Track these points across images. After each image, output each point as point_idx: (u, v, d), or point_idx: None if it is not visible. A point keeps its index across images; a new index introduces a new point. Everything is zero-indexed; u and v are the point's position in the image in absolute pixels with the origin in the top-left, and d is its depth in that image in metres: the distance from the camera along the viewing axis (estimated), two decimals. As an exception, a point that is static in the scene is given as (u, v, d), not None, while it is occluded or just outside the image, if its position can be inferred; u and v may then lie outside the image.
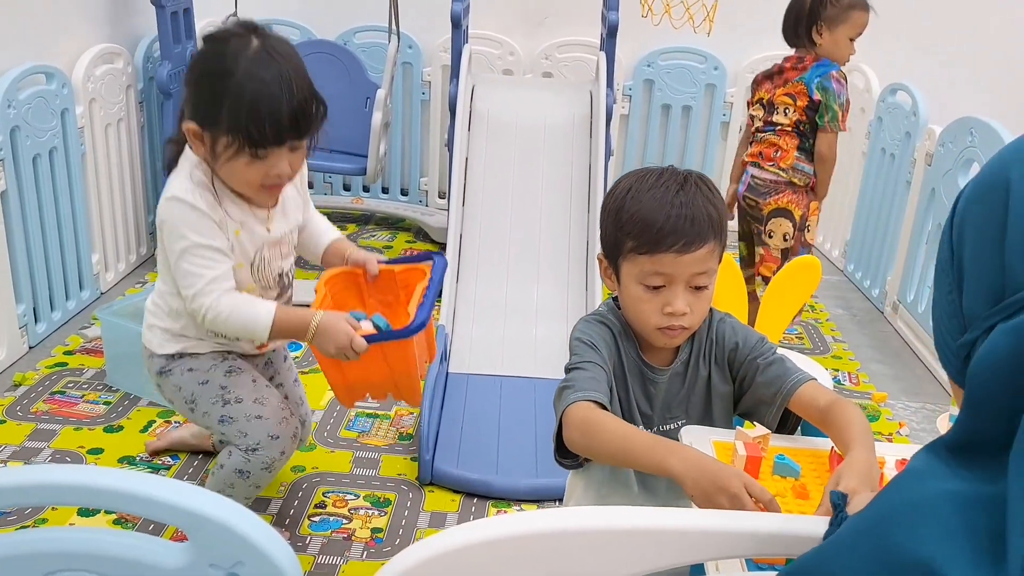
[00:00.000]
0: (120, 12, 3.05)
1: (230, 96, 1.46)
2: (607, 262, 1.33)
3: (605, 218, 1.32)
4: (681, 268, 1.24)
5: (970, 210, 0.61)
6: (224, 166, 1.52)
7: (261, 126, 1.46)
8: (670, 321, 1.26)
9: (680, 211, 1.23)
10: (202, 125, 1.50)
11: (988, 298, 0.58)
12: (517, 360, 2.47)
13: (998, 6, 3.64)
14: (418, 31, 3.67)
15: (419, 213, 3.76)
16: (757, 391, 1.34)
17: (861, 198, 3.44)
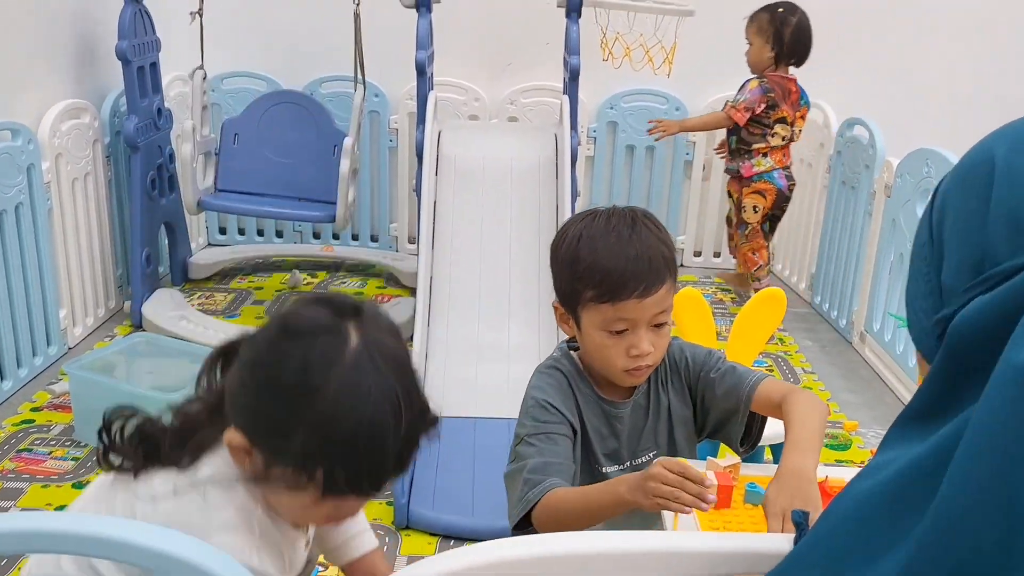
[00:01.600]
0: (86, 67, 3.07)
1: (310, 423, 0.96)
2: (564, 309, 1.33)
3: (559, 268, 1.31)
4: (643, 312, 1.25)
5: (952, 190, 0.63)
6: (274, 496, 1.04)
7: (354, 472, 0.98)
8: (636, 363, 1.28)
9: (636, 256, 1.24)
10: (253, 442, 1.00)
11: (968, 272, 0.59)
12: (490, 401, 2.47)
13: (946, 44, 3.75)
14: (384, 80, 3.72)
15: (390, 259, 3.77)
16: (720, 405, 1.36)
17: (824, 230, 3.50)
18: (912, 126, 3.48)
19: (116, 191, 3.20)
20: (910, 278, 0.68)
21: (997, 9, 3.73)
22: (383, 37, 3.50)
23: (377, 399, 0.97)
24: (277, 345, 1.00)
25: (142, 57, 3.03)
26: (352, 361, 0.97)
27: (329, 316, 1.00)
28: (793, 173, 3.46)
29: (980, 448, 0.51)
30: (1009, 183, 0.58)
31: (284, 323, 1.03)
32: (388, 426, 0.97)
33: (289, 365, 0.97)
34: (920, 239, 0.67)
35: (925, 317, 0.65)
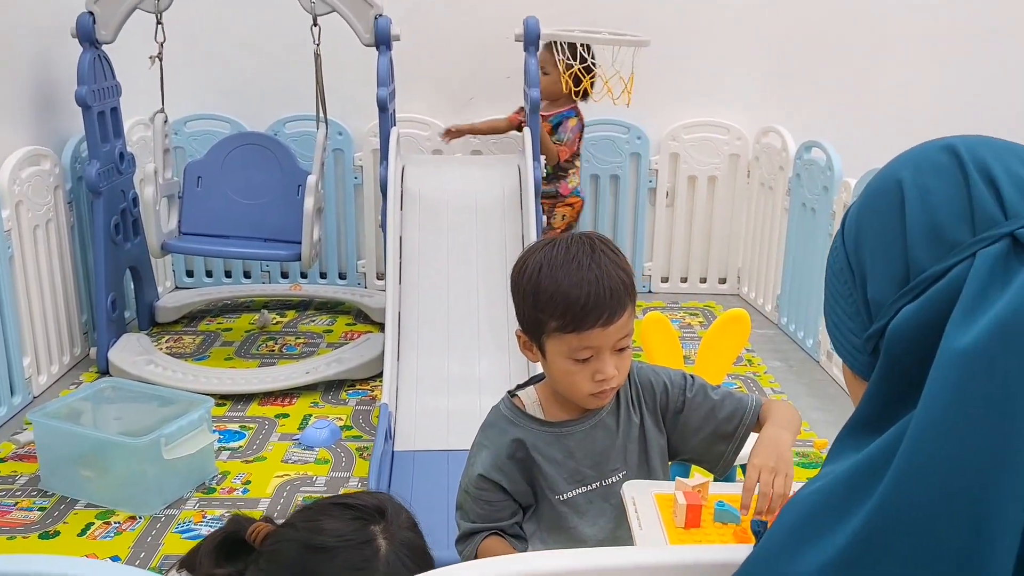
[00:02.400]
0: (45, 114, 3.06)
1: None
2: (527, 337, 1.34)
3: (521, 298, 1.32)
4: (607, 339, 1.27)
5: (865, 215, 0.69)
6: None
7: None
8: (601, 387, 1.30)
9: (598, 285, 1.24)
10: None
11: (895, 285, 0.64)
12: (463, 433, 2.46)
13: (899, 68, 3.85)
14: (347, 117, 3.74)
15: (358, 295, 3.77)
16: (718, 429, 1.38)
17: (788, 252, 3.55)
18: (868, 147, 3.54)
19: (79, 237, 3.18)
20: (831, 304, 0.73)
21: (947, 34, 3.84)
22: (345, 75, 3.53)
23: None
24: (304, 564, 0.96)
25: (102, 102, 3.02)
26: (385, 570, 0.95)
27: (355, 526, 0.98)
28: (750, 196, 3.49)
29: (928, 430, 0.55)
30: (921, 200, 0.64)
31: (309, 540, 0.97)
32: None
33: None
34: (836, 266, 0.73)
35: (854, 335, 0.70)
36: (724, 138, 3.89)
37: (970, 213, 0.61)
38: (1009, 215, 0.60)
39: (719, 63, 3.87)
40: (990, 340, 0.55)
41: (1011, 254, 0.59)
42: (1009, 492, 0.53)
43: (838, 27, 3.83)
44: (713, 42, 3.85)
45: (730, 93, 3.88)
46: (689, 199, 3.97)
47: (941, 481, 0.54)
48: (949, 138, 0.68)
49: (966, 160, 0.64)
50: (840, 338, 0.72)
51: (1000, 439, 0.53)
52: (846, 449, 0.64)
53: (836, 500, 0.59)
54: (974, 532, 0.53)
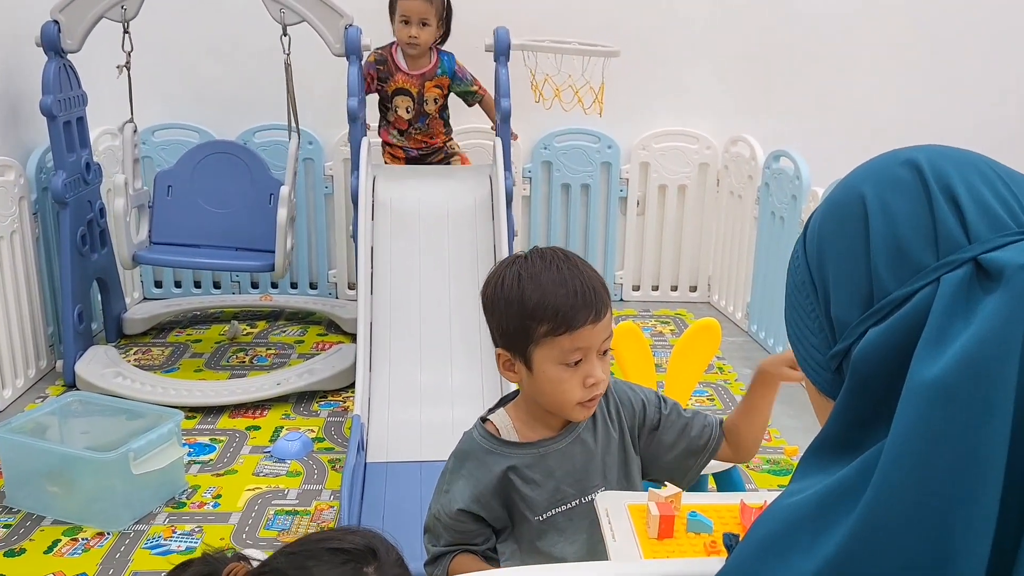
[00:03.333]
0: (9, 124, 3.02)
1: None
2: (509, 354, 1.32)
3: (502, 311, 1.30)
4: (596, 338, 1.28)
5: (827, 230, 0.68)
6: None
7: None
8: (591, 392, 1.30)
9: (582, 285, 1.27)
10: None
11: (859, 305, 0.63)
12: (435, 445, 2.46)
13: (865, 79, 3.91)
14: (317, 127, 3.73)
15: (329, 306, 3.75)
16: (690, 445, 1.42)
17: (757, 260, 3.58)
18: (836, 157, 3.59)
19: (44, 248, 3.14)
20: (792, 318, 0.72)
21: (912, 44, 3.90)
22: (315, 85, 3.52)
23: None
24: None
25: (68, 112, 2.99)
26: None
27: (346, 571, 0.96)
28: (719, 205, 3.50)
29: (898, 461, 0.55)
30: (884, 219, 0.63)
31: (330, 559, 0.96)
32: None
33: None
34: (797, 279, 0.71)
35: (818, 352, 0.69)
36: (694, 147, 3.93)
37: (934, 235, 0.61)
38: (972, 239, 0.60)
39: (689, 73, 3.90)
40: (957, 374, 0.55)
41: (974, 280, 0.58)
42: (975, 524, 0.53)
43: (806, 37, 3.87)
44: (683, 52, 3.88)
45: (699, 102, 3.92)
46: (659, 208, 4.00)
47: (909, 510, 0.54)
48: (910, 150, 0.66)
49: (928, 177, 0.63)
50: (803, 353, 0.71)
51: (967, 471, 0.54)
52: (812, 469, 0.64)
53: (807, 522, 0.59)
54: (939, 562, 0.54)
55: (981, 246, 0.59)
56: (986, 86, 3.95)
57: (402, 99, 3.22)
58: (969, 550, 0.53)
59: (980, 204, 0.61)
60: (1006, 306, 0.55)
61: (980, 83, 3.95)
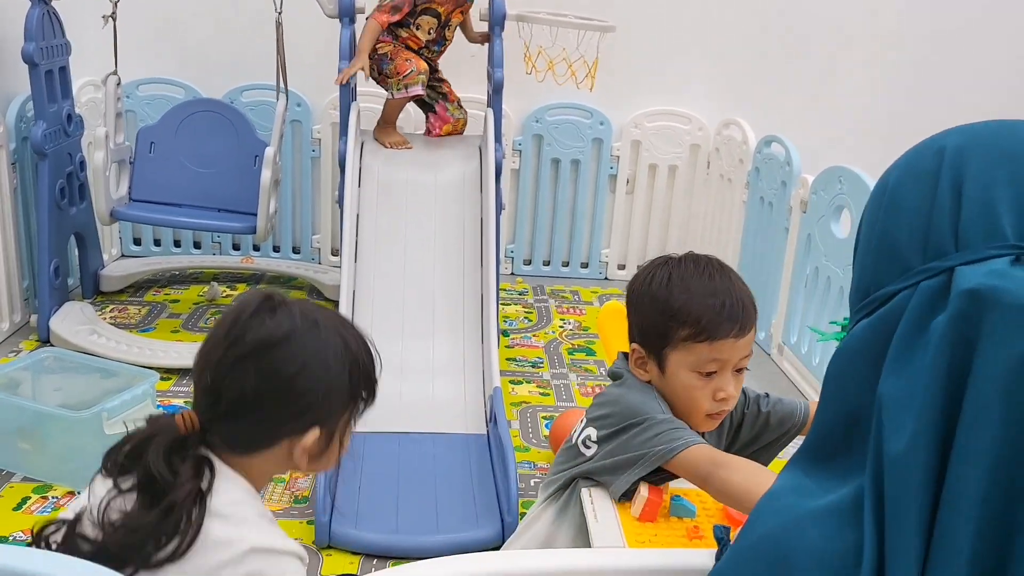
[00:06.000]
0: (-10, 71, 2.94)
1: (345, 368, 1.15)
2: (644, 352, 1.33)
3: (647, 307, 1.31)
4: (736, 352, 1.28)
5: (865, 213, 0.65)
6: (329, 454, 1.19)
7: (373, 370, 1.20)
8: (720, 407, 1.30)
9: (732, 298, 1.27)
10: (323, 425, 1.14)
11: (860, 294, 0.61)
12: (416, 416, 2.44)
13: (860, 66, 3.89)
14: (306, 89, 3.66)
15: (312, 271, 3.71)
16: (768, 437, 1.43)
17: (744, 245, 3.57)
18: (827, 144, 3.59)
19: (22, 200, 3.07)
20: None
21: (907, 34, 3.88)
22: (306, 45, 3.45)
23: (351, 327, 1.19)
24: (282, 353, 1.10)
25: (50, 61, 2.91)
26: (326, 319, 1.16)
27: (290, 317, 1.12)
28: (709, 187, 3.47)
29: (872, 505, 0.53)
30: (891, 209, 0.60)
31: (268, 339, 1.10)
32: (362, 336, 1.20)
33: (306, 354, 1.11)
34: None
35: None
36: (686, 128, 3.90)
37: (926, 235, 0.57)
38: (960, 245, 0.55)
39: (685, 53, 3.86)
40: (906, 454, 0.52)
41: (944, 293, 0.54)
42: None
43: (803, 23, 3.84)
44: (679, 31, 3.84)
45: (694, 83, 3.88)
46: (649, 187, 3.98)
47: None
48: (955, 132, 0.61)
49: (944, 170, 0.57)
50: None
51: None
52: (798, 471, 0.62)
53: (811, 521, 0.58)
54: None
55: (963, 256, 0.54)
56: (982, 75, 3.94)
57: (427, 19, 3.05)
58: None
59: (985, 207, 0.55)
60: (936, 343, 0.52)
61: (975, 72, 3.94)
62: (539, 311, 3.63)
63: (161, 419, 1.13)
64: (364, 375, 1.18)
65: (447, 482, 2.21)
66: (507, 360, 3.08)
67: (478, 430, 2.42)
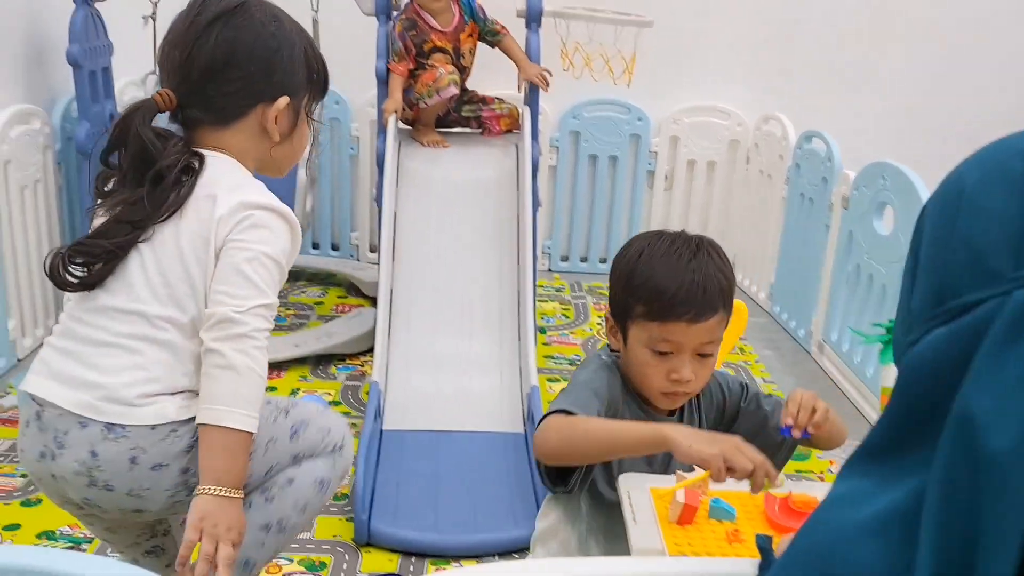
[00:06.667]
0: (35, 72, 2.99)
1: (303, 53, 1.35)
2: (614, 321, 1.34)
3: (615, 279, 1.32)
4: (690, 337, 1.25)
5: (930, 212, 0.62)
6: (289, 139, 1.37)
7: (325, 72, 1.38)
8: (675, 387, 1.28)
9: (692, 279, 1.24)
10: (292, 95, 1.33)
11: (931, 300, 0.58)
12: (453, 414, 2.45)
13: (902, 59, 3.82)
14: (345, 87, 3.68)
15: (350, 268, 3.73)
16: (768, 437, 1.36)
17: (784, 241, 3.53)
18: (869, 139, 3.53)
19: (67, 198, 3.12)
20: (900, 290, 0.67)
21: (951, 24, 3.80)
22: (343, 43, 3.45)
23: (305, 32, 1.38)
24: (246, 27, 1.29)
25: (94, 61, 2.96)
26: (284, 14, 1.36)
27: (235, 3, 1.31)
28: (748, 183, 3.43)
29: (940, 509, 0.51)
30: (972, 212, 0.57)
31: (228, 5, 1.29)
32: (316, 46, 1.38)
33: (267, 28, 1.30)
34: (909, 255, 0.66)
35: (900, 334, 0.63)
36: (725, 123, 3.86)
37: (1019, 240, 0.53)
38: None
39: (723, 47, 3.82)
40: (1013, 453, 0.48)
41: None
42: None
43: (843, 16, 3.79)
44: (718, 26, 3.80)
45: (733, 78, 3.84)
46: (687, 183, 3.95)
47: None
48: None
49: None
50: (896, 328, 0.66)
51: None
52: (855, 473, 0.60)
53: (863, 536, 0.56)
54: None
55: None
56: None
57: (439, 56, 3.03)
58: None
59: None
60: None
61: (1018, 63, 3.85)
62: (576, 308, 3.62)
63: (139, 101, 1.31)
64: (317, 60, 1.34)
65: (484, 481, 2.21)
66: (544, 357, 3.07)
67: (515, 428, 2.42)
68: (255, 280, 1.23)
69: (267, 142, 1.33)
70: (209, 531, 1.16)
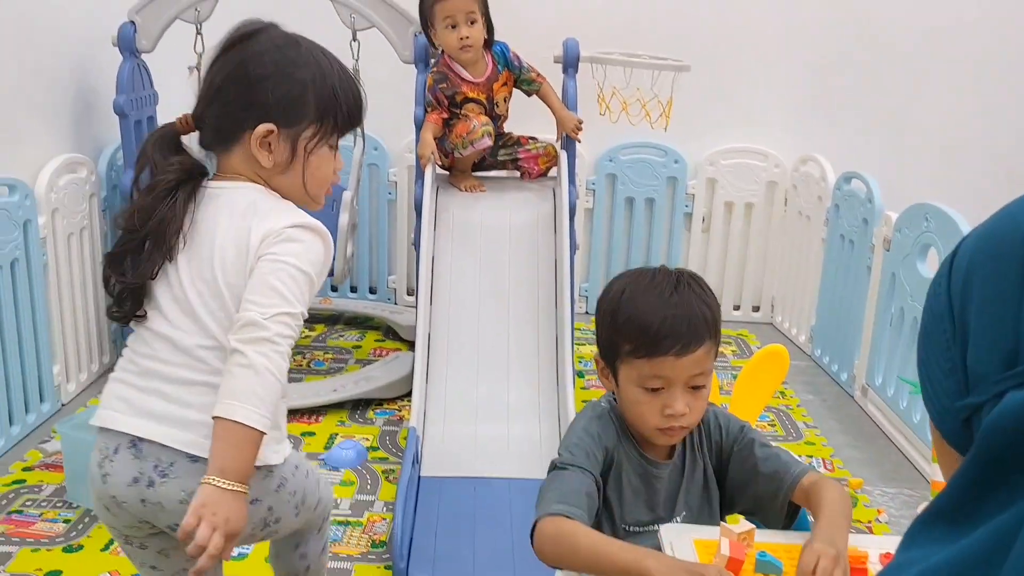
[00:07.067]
0: (83, 122, 3.07)
1: (313, 83, 1.32)
2: (604, 363, 1.33)
3: (601, 320, 1.32)
4: (680, 371, 1.25)
5: (978, 263, 0.58)
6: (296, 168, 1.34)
7: (351, 103, 1.34)
8: (670, 422, 1.27)
9: (676, 313, 1.24)
10: (278, 124, 1.31)
11: (1001, 361, 0.54)
12: (491, 461, 2.43)
13: (941, 98, 3.78)
14: (383, 132, 3.73)
15: (388, 312, 3.75)
16: (758, 488, 1.34)
17: (824, 283, 3.49)
18: (910, 179, 3.50)
19: (111, 244, 3.17)
20: (926, 348, 0.63)
21: (991, 63, 3.76)
22: (382, 90, 3.49)
23: (328, 57, 1.36)
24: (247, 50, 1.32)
25: (139, 111, 3.03)
26: (300, 41, 1.35)
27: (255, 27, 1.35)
28: (786, 225, 3.40)
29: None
30: None
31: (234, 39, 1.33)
32: (352, 79, 1.37)
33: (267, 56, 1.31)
34: (936, 309, 0.62)
35: (947, 397, 0.60)
36: (762, 165, 3.85)
37: None
38: None
39: (760, 89, 3.82)
40: None
41: None
42: None
43: (880, 55, 3.77)
44: (754, 68, 3.81)
45: (770, 120, 3.84)
46: (725, 225, 3.93)
47: None
48: None
49: None
50: (930, 392, 0.62)
51: None
52: (925, 539, 0.56)
53: None
54: None
55: None
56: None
57: (473, 107, 3.01)
58: None
59: None
60: None
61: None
62: (614, 351, 3.59)
63: (164, 125, 1.37)
64: (329, 101, 1.31)
65: (523, 528, 2.18)
66: (583, 402, 3.04)
67: (554, 474, 2.39)
68: (281, 290, 1.27)
69: (262, 169, 1.34)
70: (208, 518, 1.19)
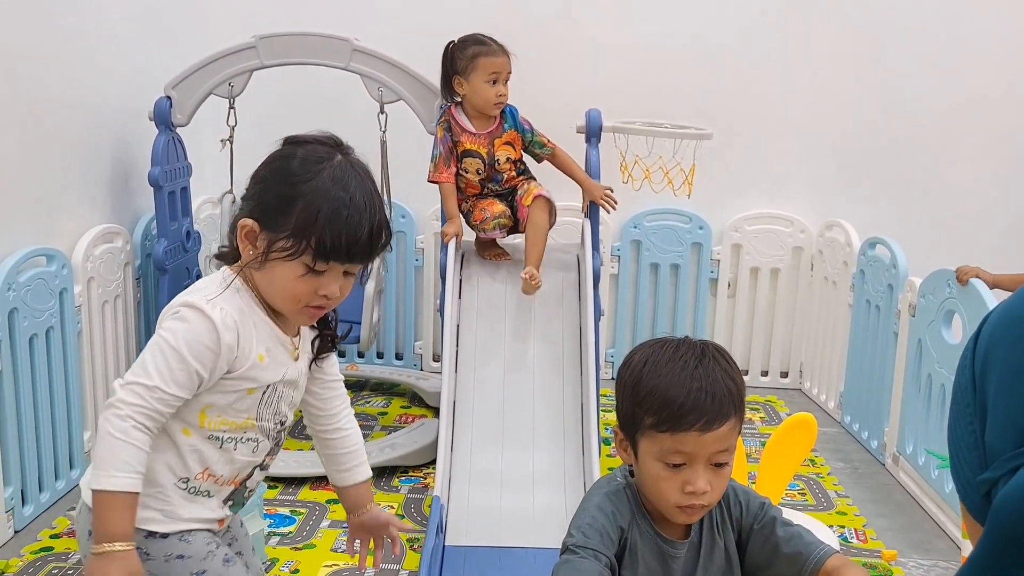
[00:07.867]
0: (120, 193, 3.15)
1: (306, 198, 1.30)
2: (623, 435, 1.30)
3: (621, 391, 1.29)
4: (703, 447, 1.21)
5: (997, 340, 0.58)
6: (269, 271, 1.34)
7: (336, 236, 1.30)
8: (690, 500, 1.23)
9: (700, 387, 1.21)
10: (262, 224, 1.33)
11: (1015, 437, 0.54)
12: (515, 530, 2.42)
13: (966, 164, 3.79)
14: (410, 199, 3.79)
15: (413, 378, 3.76)
16: (779, 569, 1.30)
17: (852, 349, 3.46)
18: (935, 245, 3.49)
19: (145, 312, 3.24)
20: (953, 421, 0.63)
21: (1014, 135, 3.78)
22: (408, 159, 3.58)
23: (355, 190, 1.33)
24: (283, 150, 1.39)
25: (173, 182, 3.11)
26: (339, 163, 1.35)
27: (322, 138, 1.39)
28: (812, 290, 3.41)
29: None
30: None
31: (290, 138, 1.40)
32: (362, 209, 1.32)
33: (292, 161, 1.35)
34: (961, 382, 0.62)
35: (970, 471, 0.60)
36: (788, 230, 3.86)
37: None
38: None
39: (784, 156, 3.85)
40: None
41: None
42: None
43: (905, 121, 3.79)
44: (779, 134, 3.84)
45: (794, 186, 3.86)
46: (751, 290, 3.92)
47: None
48: None
49: None
50: (956, 464, 0.62)
51: None
52: None
53: None
54: None
55: None
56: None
57: (471, 160, 2.98)
58: None
59: None
60: None
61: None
62: (640, 417, 3.56)
63: None
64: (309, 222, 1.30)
65: (548, 600, 2.16)
66: (609, 470, 3.02)
67: (579, 544, 2.36)
68: (146, 361, 1.34)
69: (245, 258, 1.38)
70: None
